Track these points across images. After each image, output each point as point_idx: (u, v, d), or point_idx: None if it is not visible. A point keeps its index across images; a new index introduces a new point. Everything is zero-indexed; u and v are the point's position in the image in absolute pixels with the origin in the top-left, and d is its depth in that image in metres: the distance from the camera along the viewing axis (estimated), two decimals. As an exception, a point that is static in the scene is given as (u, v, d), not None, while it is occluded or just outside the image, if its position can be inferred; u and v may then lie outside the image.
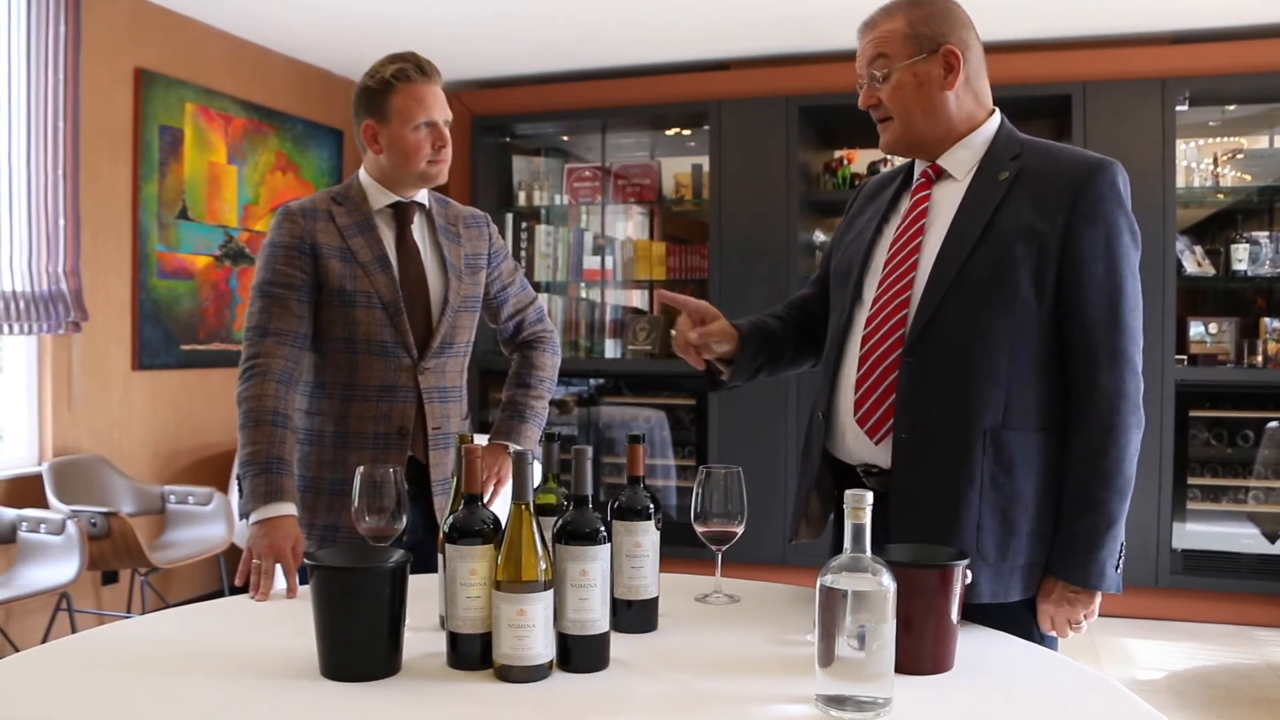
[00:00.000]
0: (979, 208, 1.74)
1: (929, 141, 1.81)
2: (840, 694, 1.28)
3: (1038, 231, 1.68)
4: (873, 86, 1.81)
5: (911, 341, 1.73)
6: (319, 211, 2.18)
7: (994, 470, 1.69)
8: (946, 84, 1.77)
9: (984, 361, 1.69)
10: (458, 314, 2.25)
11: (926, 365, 1.72)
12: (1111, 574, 1.68)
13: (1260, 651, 4.40)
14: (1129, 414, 1.68)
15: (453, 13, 4.74)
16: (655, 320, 5.82)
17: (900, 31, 1.76)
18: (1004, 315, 1.69)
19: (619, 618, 1.61)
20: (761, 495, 4.96)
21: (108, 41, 4.34)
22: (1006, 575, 1.70)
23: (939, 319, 1.72)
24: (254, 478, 2.00)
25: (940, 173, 1.83)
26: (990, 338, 1.69)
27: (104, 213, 4.35)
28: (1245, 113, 5.22)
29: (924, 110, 1.78)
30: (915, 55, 1.76)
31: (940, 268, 1.73)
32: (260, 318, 2.11)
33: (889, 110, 1.80)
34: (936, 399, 1.71)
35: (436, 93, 2.17)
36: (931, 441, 1.71)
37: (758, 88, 5.32)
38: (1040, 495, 1.70)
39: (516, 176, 6.04)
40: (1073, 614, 1.70)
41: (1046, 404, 1.71)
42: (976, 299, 1.70)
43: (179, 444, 4.78)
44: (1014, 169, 1.75)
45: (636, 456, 1.68)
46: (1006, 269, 1.69)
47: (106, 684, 1.41)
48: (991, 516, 1.69)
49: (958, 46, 1.76)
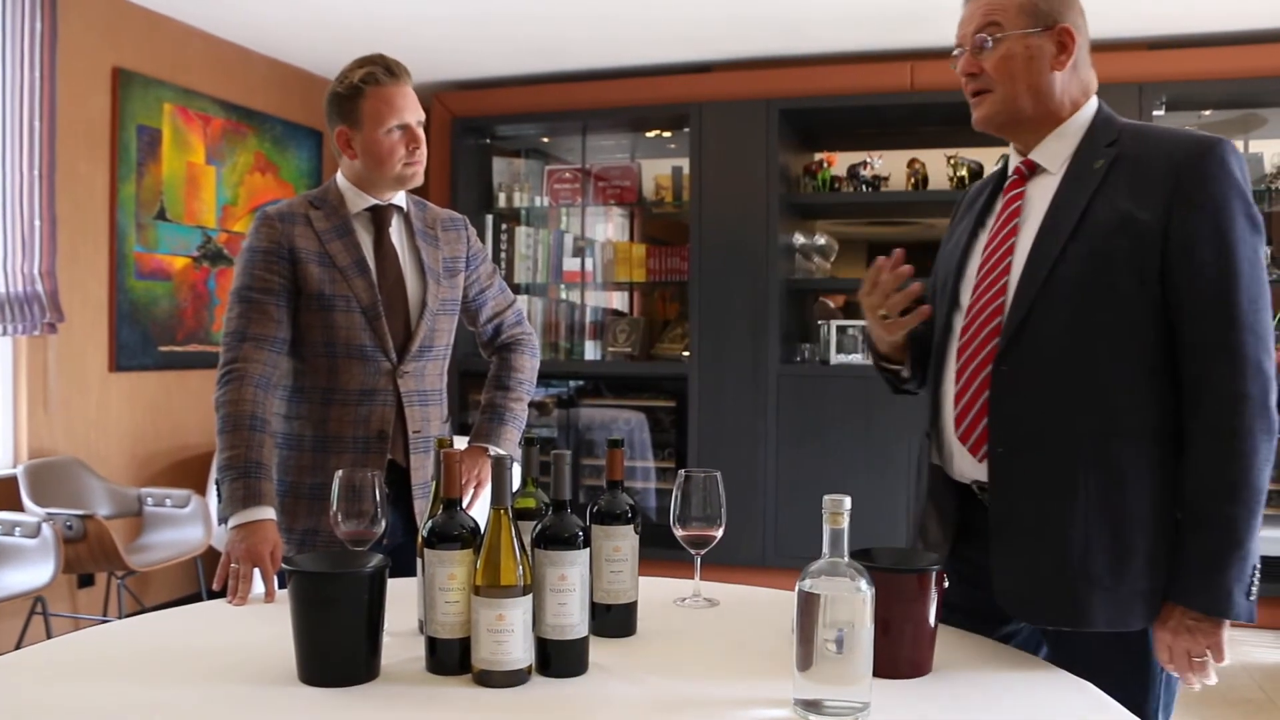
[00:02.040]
0: (1072, 200, 1.62)
1: (1027, 121, 1.69)
2: (818, 698, 1.29)
3: (1137, 220, 1.55)
4: (975, 54, 1.68)
5: (1004, 349, 1.62)
6: (297, 216, 2.17)
7: (1101, 484, 1.55)
8: (1057, 63, 1.65)
9: (1082, 366, 1.57)
10: (436, 317, 2.24)
11: (1020, 373, 1.61)
12: (1241, 601, 1.48)
13: (1235, 652, 4.40)
14: (1254, 418, 1.49)
15: (433, 14, 4.73)
16: (635, 322, 5.82)
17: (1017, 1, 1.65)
18: (1103, 314, 1.57)
19: (598, 622, 1.61)
20: (741, 499, 4.97)
21: (85, 40, 4.31)
22: (1125, 601, 1.54)
23: (1031, 322, 1.60)
24: (232, 482, 1.99)
25: (1034, 168, 1.72)
26: (1089, 340, 1.57)
27: (81, 213, 4.31)
28: (1221, 117, 5.26)
29: (1029, 85, 1.66)
30: (1030, 27, 1.64)
31: (1032, 268, 1.62)
32: (238, 323, 2.10)
33: (990, 81, 1.68)
34: (1032, 409, 1.60)
35: (407, 94, 2.16)
36: (1029, 455, 1.60)
37: (738, 90, 5.33)
38: (1160, 512, 1.55)
39: (496, 178, 6.02)
40: (1192, 645, 1.52)
41: (1161, 410, 1.56)
42: (1071, 298, 1.58)
43: (156, 446, 4.75)
44: (1110, 155, 1.61)
45: (616, 461, 1.68)
46: (1103, 263, 1.56)
47: (82, 689, 1.40)
48: (1101, 535, 1.54)
49: (1073, 27, 1.65)
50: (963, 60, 1.71)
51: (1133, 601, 1.55)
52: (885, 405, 5.02)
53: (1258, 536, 1.50)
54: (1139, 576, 1.54)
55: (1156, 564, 1.54)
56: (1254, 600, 1.50)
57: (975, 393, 1.66)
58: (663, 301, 6.52)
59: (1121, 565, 1.54)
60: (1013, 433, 1.61)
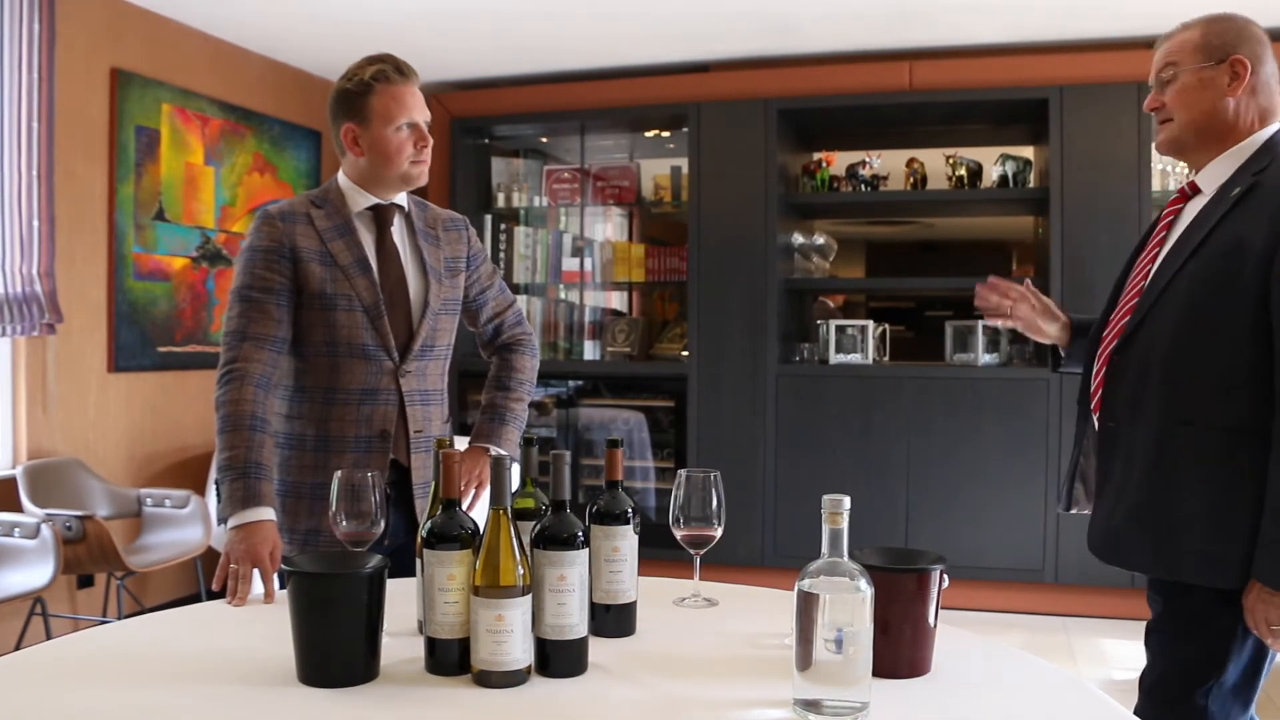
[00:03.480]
0: (1203, 224, 1.84)
1: (1201, 144, 1.91)
2: (817, 698, 1.29)
3: (1246, 244, 1.75)
4: (1159, 91, 1.94)
5: (1121, 343, 1.92)
6: (298, 215, 2.17)
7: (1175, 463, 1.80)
8: (1230, 90, 1.86)
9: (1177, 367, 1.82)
10: (438, 316, 2.25)
11: (1129, 365, 1.90)
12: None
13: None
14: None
15: (432, 14, 4.73)
16: (634, 322, 5.82)
17: (1194, 41, 1.89)
18: (1202, 327, 1.80)
19: (597, 622, 1.61)
20: (740, 498, 4.98)
21: (83, 41, 4.31)
22: (1174, 555, 1.81)
23: (1145, 326, 1.88)
24: (232, 482, 1.99)
25: (1195, 189, 1.94)
26: (1186, 347, 1.81)
27: (79, 214, 4.31)
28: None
29: (1204, 111, 1.88)
30: (1204, 62, 1.87)
31: (1155, 281, 1.90)
32: (239, 322, 2.10)
33: (1170, 112, 1.92)
34: (1132, 395, 1.89)
35: (415, 93, 2.17)
36: (1124, 432, 1.90)
37: (737, 90, 5.33)
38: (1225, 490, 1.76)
39: (495, 178, 6.03)
40: (1269, 614, 1.71)
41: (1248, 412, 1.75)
42: (1178, 310, 1.82)
43: (155, 446, 4.75)
44: (1250, 183, 1.80)
45: (615, 461, 1.68)
46: (1209, 281, 1.79)
47: (82, 690, 1.40)
48: (1170, 503, 1.81)
49: (1248, 58, 1.85)
50: (1149, 97, 1.97)
51: (1189, 557, 1.79)
52: (884, 405, 5.03)
53: None
54: (1199, 539, 1.78)
55: (1218, 532, 1.76)
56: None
57: (1099, 374, 1.99)
58: (662, 301, 6.52)
59: (1184, 528, 1.79)
60: (1117, 410, 1.93)
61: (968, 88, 5.00)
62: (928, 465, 4.95)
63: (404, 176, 2.18)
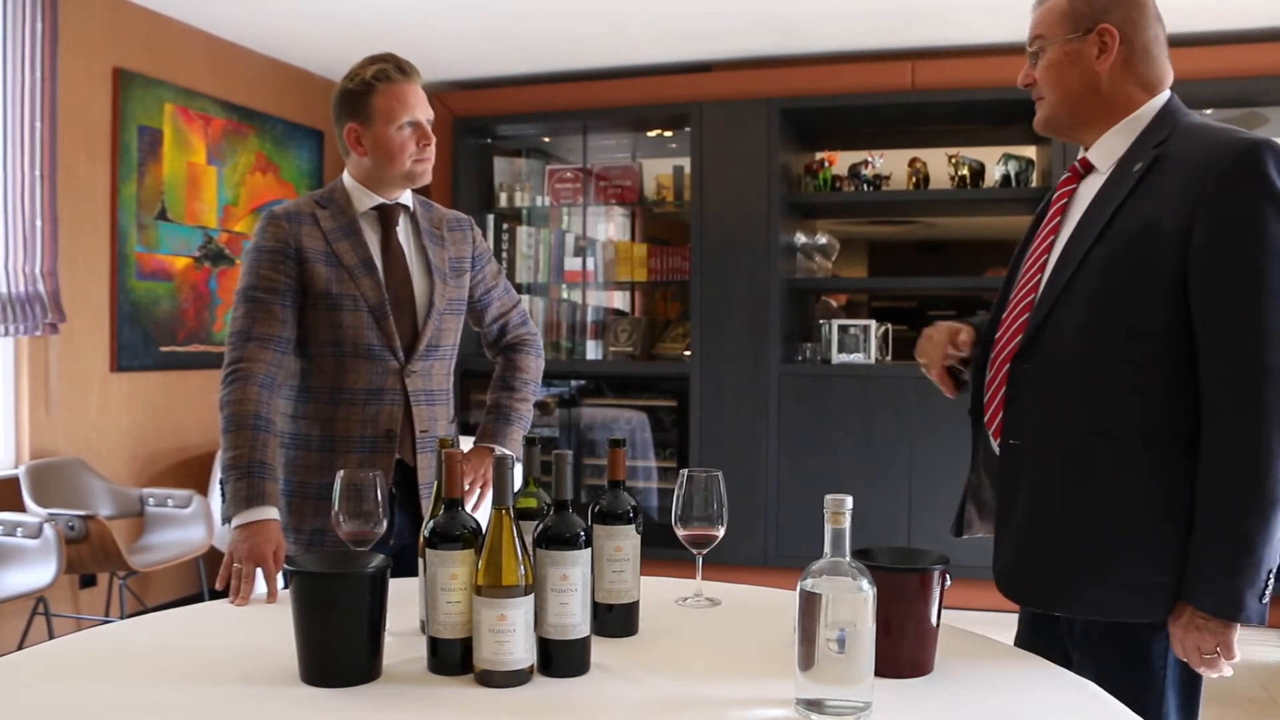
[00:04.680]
0: (1105, 204, 1.64)
1: (1078, 123, 1.76)
2: (820, 698, 1.29)
3: (1158, 226, 1.56)
4: (1031, 65, 1.78)
5: (1024, 347, 1.69)
6: (303, 215, 2.17)
7: (1097, 482, 1.60)
8: (1099, 63, 1.69)
9: (1091, 370, 1.61)
10: (444, 316, 2.25)
11: (1033, 374, 1.67)
12: (1252, 604, 1.50)
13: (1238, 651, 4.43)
14: (1271, 428, 1.48)
15: (434, 13, 4.73)
16: (636, 322, 5.82)
17: (1060, 8, 1.72)
18: (1115, 321, 1.59)
19: (600, 622, 1.61)
20: (742, 498, 4.97)
21: (86, 41, 4.31)
22: (1112, 591, 1.58)
23: (1049, 326, 1.66)
24: (236, 482, 1.98)
25: (1088, 166, 1.76)
26: (1101, 343, 1.60)
27: (82, 213, 4.32)
28: (1224, 116, 5.24)
29: (1073, 89, 1.72)
30: (1070, 34, 1.71)
31: (1058, 271, 1.68)
32: (244, 322, 2.10)
33: (1041, 89, 1.77)
34: (1040, 406, 1.66)
35: (418, 92, 2.17)
36: (1034, 449, 1.66)
37: (739, 89, 5.33)
38: (1155, 510, 1.57)
39: (498, 178, 6.03)
40: (1201, 642, 1.54)
41: (1168, 414, 1.57)
42: (1088, 303, 1.61)
43: (158, 446, 4.75)
44: (1151, 158, 1.62)
45: (618, 460, 1.68)
46: (1121, 270, 1.59)
47: (84, 690, 1.40)
48: (1091, 528, 1.59)
49: (1117, 26, 1.68)
50: (1022, 72, 1.80)
51: (1120, 592, 1.57)
52: (886, 405, 5.02)
53: (1274, 543, 1.50)
54: (1129, 569, 1.57)
55: (1151, 559, 1.56)
56: (1266, 604, 1.51)
57: (998, 386, 1.74)
58: (664, 301, 6.52)
59: (1110, 557, 1.58)
60: (1021, 427, 1.68)
61: (970, 87, 4.99)
62: (930, 465, 4.94)
63: (407, 175, 2.18)
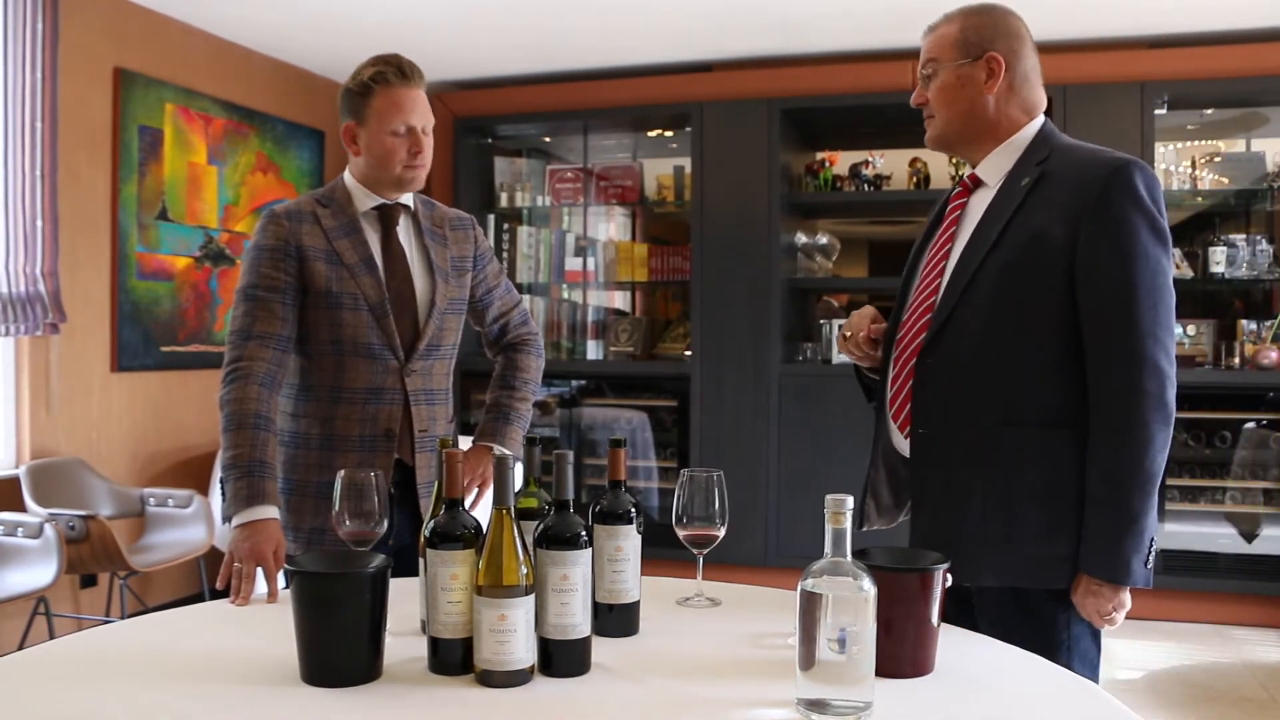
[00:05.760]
0: (997, 216, 1.82)
1: (966, 140, 1.92)
2: (821, 697, 1.29)
3: (1047, 235, 1.75)
4: (923, 87, 1.92)
5: (928, 344, 1.85)
6: (304, 214, 2.17)
7: (999, 464, 1.77)
8: (987, 87, 1.86)
9: (991, 363, 1.79)
10: (444, 316, 2.24)
11: (939, 366, 1.84)
12: (1139, 570, 1.70)
13: (1238, 651, 4.44)
14: (1149, 410, 1.69)
15: (434, 13, 4.73)
16: (637, 322, 5.82)
17: (952, 36, 1.88)
18: (1012, 318, 1.78)
19: (600, 622, 1.61)
20: (743, 498, 4.97)
21: (86, 41, 4.31)
22: (1016, 562, 1.76)
23: (951, 325, 1.82)
24: (236, 481, 1.98)
25: (977, 181, 1.93)
26: (998, 340, 1.78)
27: (83, 213, 4.32)
28: (1223, 116, 5.26)
29: (963, 110, 1.88)
30: (961, 59, 1.87)
31: (957, 276, 1.84)
32: (244, 321, 2.10)
33: (932, 108, 1.91)
34: (946, 397, 1.83)
35: (416, 97, 2.15)
36: (941, 436, 1.83)
37: (740, 89, 5.33)
38: (1052, 489, 1.75)
39: (498, 178, 6.03)
40: (1099, 605, 1.73)
41: (1061, 402, 1.76)
42: (986, 305, 1.79)
43: (158, 446, 4.75)
44: (1036, 174, 1.81)
45: (618, 460, 1.68)
46: (1015, 274, 1.77)
47: (84, 690, 1.40)
48: (997, 507, 1.77)
49: (1003, 55, 1.85)
50: (915, 92, 1.95)
51: (1024, 563, 1.76)
52: (887, 404, 5.02)
53: (1154, 514, 1.72)
54: (1028, 541, 1.76)
55: (1048, 532, 1.75)
56: (1150, 569, 1.72)
57: (904, 380, 1.91)
58: (664, 301, 6.52)
59: (1011, 531, 1.77)
60: (929, 416, 1.85)
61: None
62: (931, 465, 4.93)
63: (397, 180, 2.17)
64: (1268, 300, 5.22)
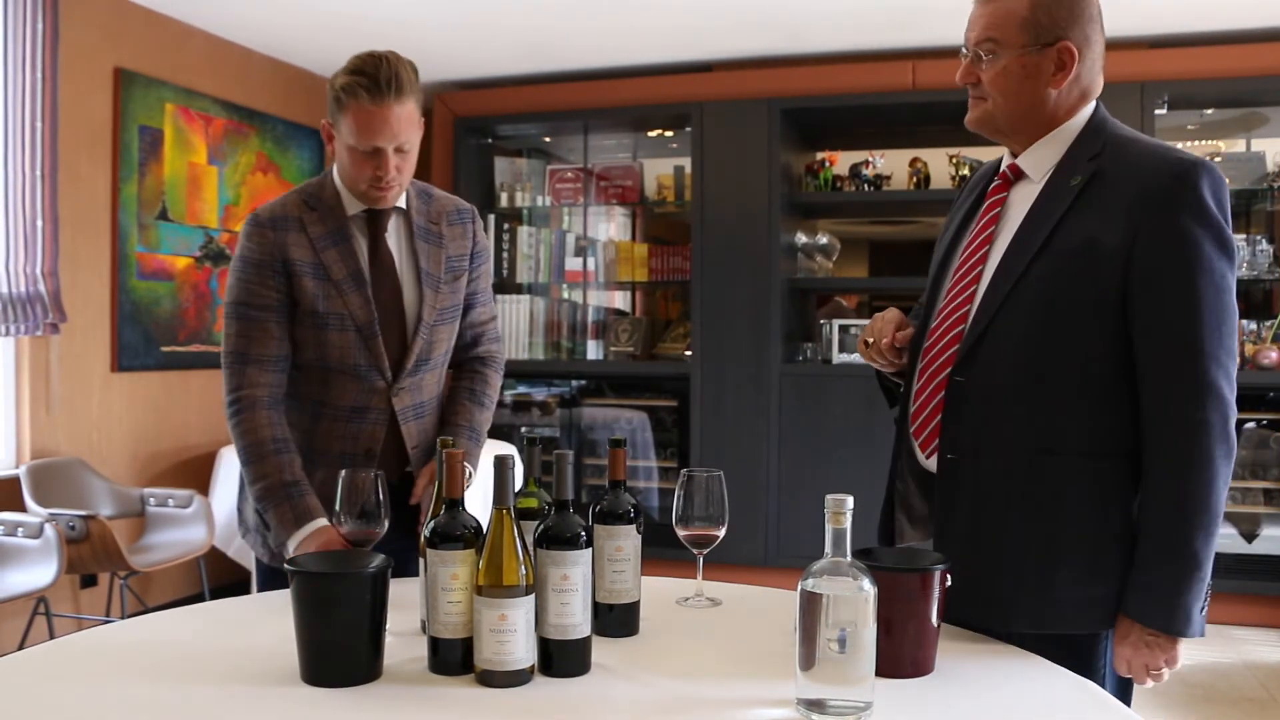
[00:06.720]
0: (1045, 217, 1.62)
1: (1016, 131, 1.70)
2: (821, 697, 1.29)
3: (1101, 245, 1.55)
4: (974, 63, 1.68)
5: (962, 358, 1.65)
6: (290, 220, 2.06)
7: (1036, 498, 1.59)
8: (1054, 81, 1.64)
9: (1032, 383, 1.60)
10: (434, 329, 2.14)
11: (973, 386, 1.64)
12: (1196, 618, 1.53)
13: (1238, 651, 4.44)
14: (1213, 445, 1.51)
15: (434, 13, 4.73)
16: (637, 322, 5.82)
17: (1019, 15, 1.62)
18: (1060, 337, 1.59)
19: (600, 622, 1.61)
20: (743, 498, 4.97)
21: (86, 41, 4.31)
22: (1053, 606, 1.59)
23: (990, 338, 1.63)
24: (277, 508, 1.93)
25: (1019, 173, 1.72)
26: (1043, 360, 1.60)
27: (83, 213, 4.32)
28: (1223, 116, 5.26)
29: (1023, 102, 1.66)
30: (1028, 45, 1.62)
31: (997, 283, 1.64)
32: (238, 342, 2.02)
33: (985, 91, 1.68)
34: (980, 421, 1.64)
35: (388, 116, 1.92)
36: (973, 464, 1.64)
37: (740, 89, 5.33)
38: (1098, 524, 1.58)
39: (498, 178, 6.03)
40: (1151, 659, 1.56)
41: (1107, 430, 1.59)
42: (1030, 317, 1.60)
43: (159, 446, 4.75)
44: (1089, 171, 1.61)
45: (618, 460, 1.68)
46: (1064, 285, 1.58)
47: (85, 690, 1.40)
48: (1033, 545, 1.59)
49: (1077, 44, 1.63)
50: (963, 68, 1.71)
51: (1059, 606, 1.59)
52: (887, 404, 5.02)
53: (1212, 557, 1.54)
54: (1069, 583, 1.58)
55: (1090, 573, 1.58)
56: (1205, 614, 1.55)
57: (930, 396, 1.71)
58: (665, 301, 6.52)
59: (1050, 573, 1.59)
60: (958, 442, 1.66)
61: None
62: (931, 465, 4.94)
63: (363, 197, 2.04)
64: (1268, 300, 5.22)
